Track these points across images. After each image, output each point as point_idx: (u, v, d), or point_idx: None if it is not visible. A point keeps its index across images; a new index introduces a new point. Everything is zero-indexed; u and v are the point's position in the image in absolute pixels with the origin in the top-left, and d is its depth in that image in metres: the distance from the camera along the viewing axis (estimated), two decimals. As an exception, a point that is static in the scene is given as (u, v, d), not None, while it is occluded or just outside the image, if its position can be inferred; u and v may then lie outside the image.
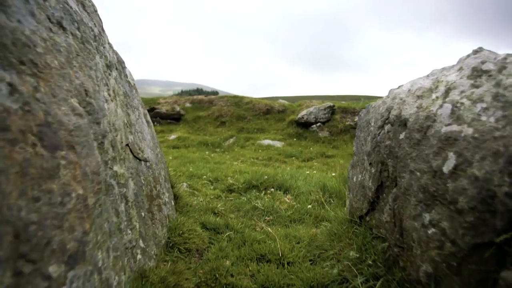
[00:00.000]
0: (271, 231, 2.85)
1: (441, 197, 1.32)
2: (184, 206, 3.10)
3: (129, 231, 1.70)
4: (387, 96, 2.11)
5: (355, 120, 11.05)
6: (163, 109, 13.13)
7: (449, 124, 1.40)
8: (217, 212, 3.32)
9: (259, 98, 14.04)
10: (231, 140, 10.53)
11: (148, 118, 2.77)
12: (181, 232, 2.38)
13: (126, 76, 2.53)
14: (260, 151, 9.14)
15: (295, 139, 10.57)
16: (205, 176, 4.95)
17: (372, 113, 2.24)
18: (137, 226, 1.83)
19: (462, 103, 1.41)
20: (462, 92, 1.46)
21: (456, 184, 1.25)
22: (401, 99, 1.89)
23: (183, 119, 12.88)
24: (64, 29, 1.40)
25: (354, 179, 2.36)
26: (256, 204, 3.56)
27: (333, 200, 3.60)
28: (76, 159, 1.16)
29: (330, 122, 11.40)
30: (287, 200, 3.74)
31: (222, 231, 2.78)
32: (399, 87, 2.09)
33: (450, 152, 1.32)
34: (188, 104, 13.77)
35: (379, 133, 1.99)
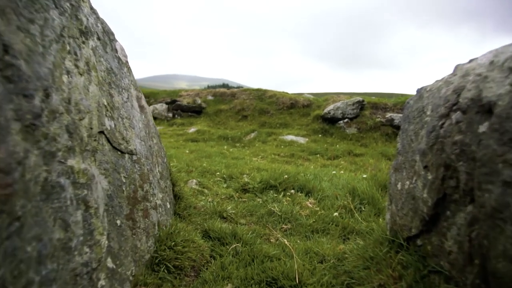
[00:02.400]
0: (288, 244, 2.33)
1: None
2: (186, 208, 2.63)
3: (87, 249, 1.24)
4: (453, 74, 1.51)
5: (387, 116, 10.20)
6: (184, 101, 12.83)
7: None
8: (226, 217, 2.84)
9: (283, 92, 13.42)
10: (252, 135, 10.04)
11: (143, 102, 2.31)
12: (173, 243, 1.91)
13: (115, 50, 2.08)
14: (282, 147, 8.58)
15: (320, 136, 9.91)
16: (218, 173, 4.49)
17: (428, 98, 1.65)
18: (103, 240, 1.36)
19: None
20: None
21: None
22: (479, 74, 1.29)
23: (204, 112, 12.52)
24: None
25: (399, 186, 1.78)
26: (272, 208, 3.04)
27: (364, 208, 3.01)
28: (-49, 147, 0.70)
29: (359, 118, 10.60)
30: (309, 205, 3.19)
31: (228, 242, 2.29)
32: (471, 60, 1.48)
33: None
34: (210, 97, 13.40)
35: (442, 124, 1.40)
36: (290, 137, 9.51)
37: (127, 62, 2.25)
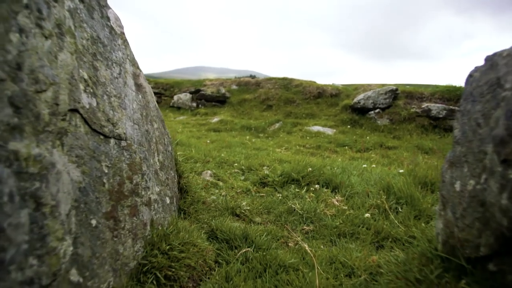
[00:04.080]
0: (308, 250, 1.95)
1: None
2: (193, 203, 2.32)
3: (34, 261, 0.93)
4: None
5: (423, 106, 9.38)
6: (208, 91, 12.60)
7: None
8: (239, 214, 2.50)
9: (310, 81, 12.82)
10: (277, 125, 9.63)
11: (142, 81, 2.00)
12: (169, 247, 1.59)
13: (107, 18, 1.77)
14: (308, 138, 8.12)
15: (349, 127, 9.31)
16: (236, 164, 4.16)
17: (506, 66, 1.19)
18: (63, 247, 1.06)
19: None
20: None
21: None
22: None
23: (228, 102, 12.23)
24: None
25: (457, 186, 1.34)
26: (293, 205, 2.67)
27: (401, 209, 2.56)
28: None
29: (391, 108, 9.86)
30: (336, 203, 2.78)
31: (237, 245, 1.95)
32: None
33: None
34: (234, 86, 13.07)
35: (537, 98, 0.95)
36: (316, 128, 9.01)
37: (122, 33, 1.94)
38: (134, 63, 1.99)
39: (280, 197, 2.92)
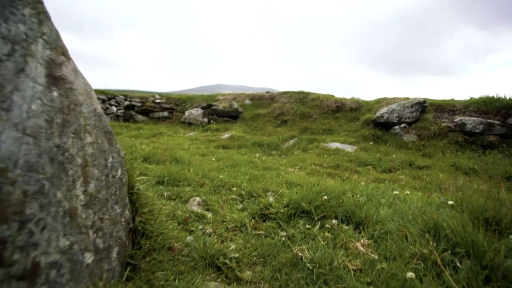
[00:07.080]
0: None
1: None
2: (152, 252, 1.59)
3: None
4: None
5: (455, 120, 8.38)
6: (221, 105, 12.04)
7: None
8: (222, 265, 1.75)
9: (328, 95, 12.05)
10: (291, 142, 8.86)
11: (66, 72, 1.34)
12: None
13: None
14: (325, 156, 7.30)
15: (371, 143, 8.41)
16: (236, 188, 3.43)
17: None
18: None
19: None
20: None
21: None
22: None
23: (240, 117, 11.60)
24: None
25: None
26: (299, 253, 1.90)
27: (460, 263, 1.73)
28: None
29: (419, 122, 8.90)
30: (361, 249, 1.98)
31: (202, 333, 1.20)
32: None
33: None
34: (247, 101, 12.46)
35: None
36: (335, 145, 8.18)
37: (38, 2, 1.30)
38: (56, 47, 1.34)
39: (283, 238, 2.15)
